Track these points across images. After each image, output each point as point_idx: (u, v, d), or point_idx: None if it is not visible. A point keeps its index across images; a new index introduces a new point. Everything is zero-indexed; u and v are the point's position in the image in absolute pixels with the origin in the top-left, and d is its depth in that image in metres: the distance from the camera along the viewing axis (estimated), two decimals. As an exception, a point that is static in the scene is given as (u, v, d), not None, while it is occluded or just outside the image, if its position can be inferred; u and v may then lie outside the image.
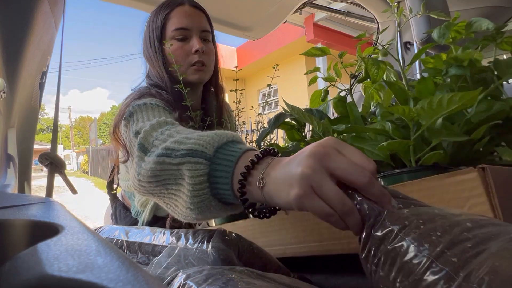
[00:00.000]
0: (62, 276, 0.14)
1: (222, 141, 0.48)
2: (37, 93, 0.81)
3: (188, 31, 0.85)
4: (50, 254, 0.16)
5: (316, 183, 0.33)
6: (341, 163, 0.34)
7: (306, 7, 1.65)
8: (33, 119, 0.85)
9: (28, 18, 0.64)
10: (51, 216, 0.26)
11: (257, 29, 1.60)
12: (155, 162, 0.51)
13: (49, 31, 0.74)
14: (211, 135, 0.49)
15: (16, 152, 0.75)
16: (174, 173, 0.49)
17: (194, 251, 0.51)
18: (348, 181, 0.33)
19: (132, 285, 0.14)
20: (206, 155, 0.47)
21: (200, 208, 0.47)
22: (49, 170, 0.61)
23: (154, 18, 0.87)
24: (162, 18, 0.85)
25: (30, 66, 0.72)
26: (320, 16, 6.66)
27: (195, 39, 0.85)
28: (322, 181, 0.33)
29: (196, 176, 0.46)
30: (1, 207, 0.27)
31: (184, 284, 0.36)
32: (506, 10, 1.38)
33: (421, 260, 0.26)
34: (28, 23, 0.65)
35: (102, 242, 0.20)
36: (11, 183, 0.69)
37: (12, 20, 0.63)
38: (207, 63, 0.87)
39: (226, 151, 0.47)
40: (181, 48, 0.84)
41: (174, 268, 0.49)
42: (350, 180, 0.33)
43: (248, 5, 1.43)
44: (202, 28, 0.87)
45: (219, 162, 0.46)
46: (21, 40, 0.65)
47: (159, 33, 0.85)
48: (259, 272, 0.41)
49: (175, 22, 0.85)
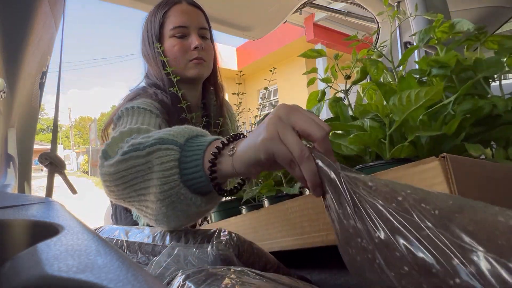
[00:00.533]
0: (62, 276, 0.14)
1: (193, 133, 0.50)
2: (37, 93, 0.81)
3: (187, 28, 0.85)
4: (50, 254, 0.16)
5: (281, 129, 0.38)
6: (302, 118, 0.39)
7: (306, 7, 1.65)
8: (33, 119, 0.85)
9: (28, 18, 0.64)
10: (51, 216, 0.26)
11: (257, 29, 1.60)
12: (120, 161, 0.49)
13: (49, 31, 0.74)
14: (182, 128, 0.51)
15: (16, 152, 0.75)
16: (142, 169, 0.48)
17: (194, 251, 0.51)
18: (307, 133, 0.38)
19: (132, 285, 0.14)
20: (177, 142, 0.48)
21: (170, 198, 0.47)
22: (49, 170, 0.61)
23: (152, 17, 0.88)
24: (160, 17, 0.86)
25: (30, 66, 0.72)
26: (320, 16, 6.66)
27: (194, 36, 0.85)
28: (285, 129, 0.38)
29: (166, 162, 0.46)
30: (1, 207, 0.27)
31: (183, 284, 0.36)
32: (506, 10, 1.38)
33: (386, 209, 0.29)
34: (28, 23, 0.65)
35: (102, 242, 0.20)
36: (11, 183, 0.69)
37: (12, 20, 0.63)
38: (206, 59, 0.88)
39: (196, 141, 0.49)
40: (180, 45, 0.85)
41: (173, 268, 0.49)
42: (308, 132, 0.38)
43: (248, 5, 1.43)
44: (200, 25, 0.88)
45: (189, 149, 0.47)
46: (21, 40, 0.65)
47: (157, 32, 0.86)
48: (259, 272, 0.41)
49: (173, 21, 0.85)
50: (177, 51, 0.84)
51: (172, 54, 0.85)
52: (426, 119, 0.46)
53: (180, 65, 0.85)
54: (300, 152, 0.37)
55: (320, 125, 0.39)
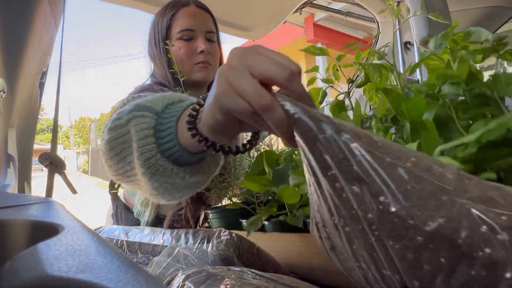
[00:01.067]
0: (62, 276, 0.14)
1: (173, 99, 0.46)
2: (37, 93, 0.81)
3: (194, 32, 0.85)
4: (50, 254, 0.16)
5: (232, 77, 0.32)
6: (260, 60, 0.32)
7: (306, 7, 1.65)
8: (33, 119, 0.85)
9: (28, 18, 0.64)
10: (51, 216, 0.26)
11: (257, 29, 1.60)
12: (108, 131, 0.46)
13: (49, 31, 0.74)
14: (163, 94, 0.47)
15: (16, 152, 0.75)
16: (126, 139, 0.45)
17: (194, 251, 0.51)
18: (267, 77, 0.31)
19: (132, 285, 0.14)
20: (153, 109, 0.44)
21: (149, 169, 0.43)
22: (49, 170, 0.61)
23: (160, 18, 0.87)
24: (168, 19, 0.85)
25: (30, 66, 0.72)
26: (320, 16, 6.65)
27: (201, 39, 0.85)
28: (239, 77, 0.32)
29: (141, 130, 0.43)
30: (1, 207, 0.27)
31: (183, 284, 0.36)
32: (506, 10, 1.38)
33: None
34: (28, 23, 0.65)
35: (102, 242, 0.20)
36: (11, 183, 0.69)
37: (12, 20, 0.63)
38: (212, 63, 0.87)
39: (174, 108, 0.45)
40: (186, 47, 0.84)
41: (173, 268, 0.49)
42: (269, 76, 0.31)
43: (248, 5, 1.43)
44: (208, 29, 0.87)
45: (166, 116, 0.44)
46: (21, 40, 0.65)
47: (164, 34, 0.86)
48: (259, 273, 0.41)
49: (181, 23, 0.85)
50: (183, 54, 0.84)
51: (178, 56, 0.84)
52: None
53: (185, 68, 0.84)
54: (259, 100, 0.30)
55: (284, 64, 0.31)
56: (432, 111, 0.41)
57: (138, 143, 0.43)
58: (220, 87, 0.33)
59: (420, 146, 0.40)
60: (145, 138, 0.43)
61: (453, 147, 0.37)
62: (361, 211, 0.23)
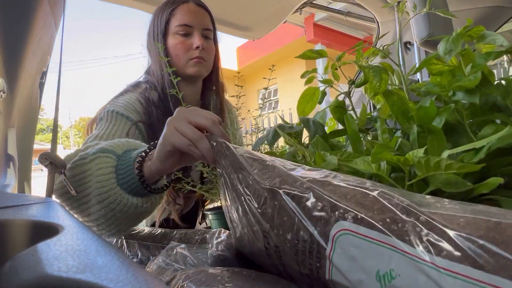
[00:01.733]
0: (62, 276, 0.14)
1: (131, 147, 0.60)
2: (37, 93, 0.81)
3: (191, 27, 0.88)
4: (50, 254, 0.16)
5: (177, 124, 0.50)
6: (192, 114, 0.50)
7: (306, 7, 1.65)
8: (33, 119, 0.85)
9: (28, 18, 0.64)
10: (51, 216, 0.26)
11: (257, 29, 1.60)
12: (68, 170, 0.55)
13: (49, 31, 0.74)
14: (123, 141, 0.61)
15: (16, 152, 0.75)
16: (84, 176, 0.55)
17: (193, 252, 0.51)
18: (198, 124, 0.49)
19: (132, 285, 0.14)
20: (115, 153, 0.57)
21: (108, 199, 0.53)
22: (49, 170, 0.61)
23: (160, 13, 0.90)
24: (167, 14, 0.88)
25: (30, 66, 0.72)
26: (320, 16, 6.65)
27: (197, 36, 0.88)
28: (180, 123, 0.49)
29: (104, 167, 0.54)
30: (1, 207, 0.27)
31: (182, 285, 0.36)
32: (506, 10, 1.38)
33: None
34: (28, 23, 0.65)
35: (102, 242, 0.20)
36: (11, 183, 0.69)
37: (12, 20, 0.63)
38: (207, 59, 0.90)
39: (131, 153, 0.58)
40: (182, 43, 0.87)
41: (172, 269, 0.49)
42: (198, 123, 0.49)
43: (248, 5, 1.43)
44: (205, 26, 0.90)
45: (124, 159, 0.56)
46: (21, 40, 0.65)
47: (163, 28, 0.88)
48: (258, 273, 0.41)
49: (179, 19, 0.87)
50: (179, 49, 0.87)
51: (174, 51, 0.88)
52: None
53: (181, 62, 0.88)
54: (193, 135, 0.48)
55: (207, 117, 0.50)
56: (443, 117, 0.40)
57: (101, 178, 0.54)
58: (168, 129, 0.50)
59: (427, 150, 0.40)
60: (108, 174, 0.54)
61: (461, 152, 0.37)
62: (242, 188, 0.39)
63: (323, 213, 0.30)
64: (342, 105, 0.61)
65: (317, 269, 0.31)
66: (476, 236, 0.21)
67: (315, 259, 0.31)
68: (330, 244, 0.29)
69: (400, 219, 0.26)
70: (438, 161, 0.34)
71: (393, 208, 0.27)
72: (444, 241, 0.22)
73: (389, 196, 0.28)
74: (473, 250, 0.21)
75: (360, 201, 0.29)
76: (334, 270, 0.29)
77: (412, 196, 0.29)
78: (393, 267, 0.24)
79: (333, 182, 0.33)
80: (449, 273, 0.21)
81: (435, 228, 0.23)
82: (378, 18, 1.53)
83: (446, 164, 0.34)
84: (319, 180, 0.34)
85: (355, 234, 0.27)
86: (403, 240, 0.24)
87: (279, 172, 0.37)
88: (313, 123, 0.60)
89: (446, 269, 0.21)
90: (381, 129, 0.49)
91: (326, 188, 0.32)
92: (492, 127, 0.39)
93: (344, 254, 0.28)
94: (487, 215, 0.23)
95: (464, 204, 0.26)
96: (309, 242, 0.31)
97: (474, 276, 0.20)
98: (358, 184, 0.31)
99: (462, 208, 0.25)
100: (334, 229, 0.29)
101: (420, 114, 0.43)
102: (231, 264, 0.48)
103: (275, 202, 0.35)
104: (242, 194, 0.39)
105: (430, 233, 0.23)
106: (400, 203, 0.27)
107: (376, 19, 1.54)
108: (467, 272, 0.20)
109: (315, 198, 0.32)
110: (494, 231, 0.21)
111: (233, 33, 1.59)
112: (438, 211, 0.25)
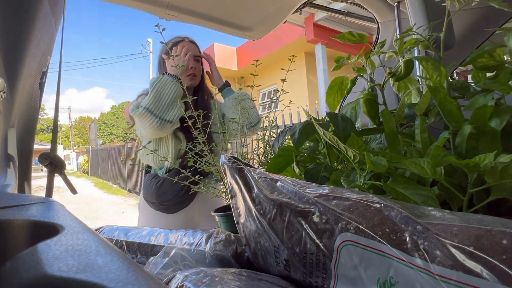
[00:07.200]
0: (62, 276, 0.14)
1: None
2: (37, 93, 0.81)
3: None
4: (50, 254, 0.16)
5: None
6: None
7: (306, 7, 1.65)
8: (33, 119, 0.85)
9: (28, 18, 0.64)
10: (51, 216, 0.26)
11: (257, 29, 1.60)
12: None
13: (49, 31, 0.74)
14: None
15: (16, 152, 0.75)
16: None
17: (191, 252, 0.51)
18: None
19: (132, 285, 0.14)
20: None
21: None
22: (49, 170, 0.61)
23: (164, 47, 1.40)
24: (169, 48, 1.38)
25: (30, 66, 0.72)
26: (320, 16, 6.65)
27: (191, 61, 1.39)
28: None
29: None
30: (1, 207, 0.27)
31: (181, 285, 0.36)
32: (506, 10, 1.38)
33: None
34: (28, 23, 0.65)
35: (102, 242, 0.20)
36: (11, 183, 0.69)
37: (12, 20, 0.63)
38: (197, 75, 1.43)
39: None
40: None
41: (171, 269, 0.49)
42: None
43: (248, 5, 1.43)
44: (195, 54, 1.42)
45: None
46: (21, 40, 0.65)
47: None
48: (256, 273, 0.41)
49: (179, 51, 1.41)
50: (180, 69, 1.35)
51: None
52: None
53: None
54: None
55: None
56: (504, 118, 0.37)
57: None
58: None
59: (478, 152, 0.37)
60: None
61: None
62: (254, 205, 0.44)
63: (328, 226, 0.32)
64: (375, 98, 0.57)
65: (323, 280, 0.33)
66: (466, 243, 0.23)
67: (321, 270, 0.33)
68: (335, 254, 0.31)
69: (399, 229, 0.27)
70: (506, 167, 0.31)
71: (393, 219, 0.28)
72: (438, 249, 0.24)
73: (389, 208, 0.30)
74: (463, 257, 0.22)
75: (362, 213, 0.31)
76: (339, 280, 0.31)
77: (413, 208, 0.30)
78: (392, 274, 0.26)
79: (338, 196, 0.35)
80: (443, 279, 0.22)
81: (430, 237, 0.25)
82: (378, 18, 1.53)
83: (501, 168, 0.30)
84: (325, 194, 0.36)
85: (357, 245, 0.29)
86: (400, 249, 0.26)
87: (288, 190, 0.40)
88: (341, 119, 0.56)
89: (440, 276, 0.23)
90: (421, 128, 0.46)
91: (331, 203, 0.34)
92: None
93: (347, 263, 0.30)
94: (480, 223, 0.24)
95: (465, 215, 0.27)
96: (315, 254, 0.33)
97: (465, 281, 0.21)
98: (361, 198, 0.33)
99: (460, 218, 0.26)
100: (338, 240, 0.31)
101: (479, 113, 0.39)
102: (229, 263, 0.48)
103: (283, 217, 0.38)
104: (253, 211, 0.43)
105: (426, 242, 0.25)
106: (400, 214, 0.28)
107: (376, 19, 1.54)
108: (459, 278, 0.22)
109: (320, 212, 0.34)
110: (484, 238, 0.22)
111: (233, 33, 1.59)
112: (435, 221, 0.26)
